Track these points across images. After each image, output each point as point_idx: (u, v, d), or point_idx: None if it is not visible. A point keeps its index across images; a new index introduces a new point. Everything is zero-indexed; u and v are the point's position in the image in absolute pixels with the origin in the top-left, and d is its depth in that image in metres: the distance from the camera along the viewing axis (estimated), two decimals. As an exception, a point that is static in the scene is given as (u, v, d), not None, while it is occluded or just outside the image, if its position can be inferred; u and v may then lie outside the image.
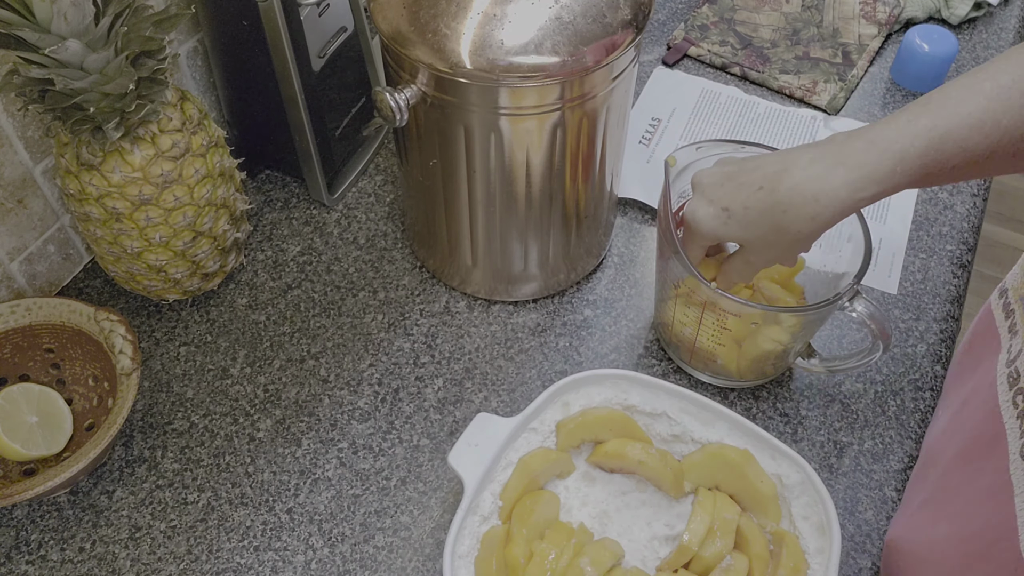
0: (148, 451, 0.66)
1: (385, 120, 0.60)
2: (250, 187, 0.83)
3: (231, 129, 0.81)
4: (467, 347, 0.72)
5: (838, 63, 0.92)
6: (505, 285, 0.73)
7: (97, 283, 0.76)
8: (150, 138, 0.61)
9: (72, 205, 0.64)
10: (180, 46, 0.77)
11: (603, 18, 0.57)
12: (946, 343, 0.72)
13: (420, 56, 0.56)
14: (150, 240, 0.65)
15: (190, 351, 0.72)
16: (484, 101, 0.58)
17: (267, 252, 0.78)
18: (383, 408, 0.68)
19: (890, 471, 0.65)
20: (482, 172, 0.63)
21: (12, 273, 0.70)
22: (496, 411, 0.68)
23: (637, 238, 0.80)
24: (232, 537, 0.62)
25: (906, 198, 0.81)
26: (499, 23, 0.55)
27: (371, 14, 0.59)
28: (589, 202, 0.69)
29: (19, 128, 0.66)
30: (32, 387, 0.65)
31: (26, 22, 0.53)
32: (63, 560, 0.61)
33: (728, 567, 0.56)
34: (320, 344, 0.72)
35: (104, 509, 0.63)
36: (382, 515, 0.63)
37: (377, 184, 0.83)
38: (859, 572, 0.60)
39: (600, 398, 0.62)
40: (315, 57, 0.72)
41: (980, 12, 0.98)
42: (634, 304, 0.75)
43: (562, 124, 0.60)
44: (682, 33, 0.96)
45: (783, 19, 0.97)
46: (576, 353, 0.72)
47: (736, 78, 0.93)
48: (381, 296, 0.75)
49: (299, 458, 0.66)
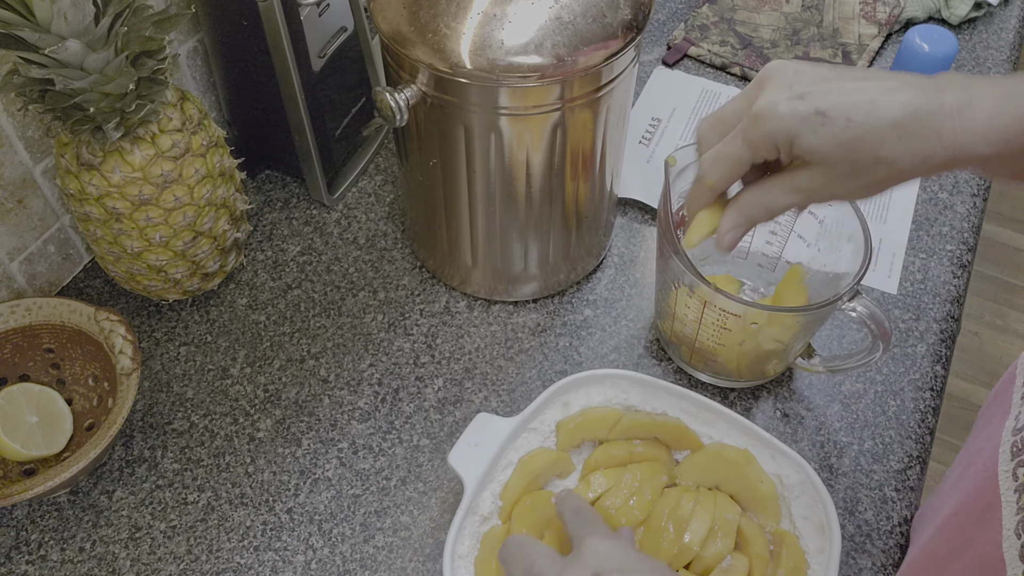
0: (148, 451, 0.66)
1: (385, 120, 0.60)
2: (250, 187, 0.83)
3: (231, 129, 0.81)
4: (467, 347, 0.72)
5: (838, 63, 0.92)
6: (505, 285, 0.73)
7: (97, 283, 0.76)
8: (150, 138, 0.61)
9: (72, 205, 0.64)
10: (180, 46, 0.77)
11: (603, 18, 0.57)
12: (946, 343, 0.72)
13: (420, 56, 0.56)
14: (150, 240, 0.65)
15: (190, 351, 0.72)
16: (484, 101, 0.58)
17: (267, 252, 0.78)
18: (383, 408, 0.68)
19: (890, 471, 0.65)
20: (482, 172, 0.63)
21: (12, 273, 0.70)
22: (496, 411, 0.68)
23: (637, 238, 0.80)
24: (232, 537, 0.62)
25: (906, 198, 0.81)
26: (499, 23, 0.55)
27: (371, 14, 0.59)
28: (589, 202, 0.69)
29: (19, 128, 0.66)
30: (32, 387, 0.65)
31: (26, 22, 0.53)
32: (63, 560, 0.61)
33: (728, 567, 0.56)
34: (320, 344, 0.72)
35: (104, 509, 0.63)
36: (382, 515, 0.63)
37: (377, 184, 0.83)
38: (859, 572, 0.60)
39: (600, 398, 0.62)
40: (315, 57, 0.72)
41: (980, 12, 0.98)
42: (634, 304, 0.75)
43: (562, 124, 0.60)
44: (682, 33, 0.96)
45: (783, 19, 0.97)
46: (576, 353, 0.72)
47: (736, 78, 0.93)
48: (381, 296, 0.75)
49: (299, 458, 0.66)
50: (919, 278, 0.76)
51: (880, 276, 0.76)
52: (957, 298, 0.75)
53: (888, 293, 0.75)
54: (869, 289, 0.75)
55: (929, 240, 0.79)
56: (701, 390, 0.69)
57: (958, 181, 0.83)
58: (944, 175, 0.83)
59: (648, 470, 0.60)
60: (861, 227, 0.61)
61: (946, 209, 0.81)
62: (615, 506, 0.57)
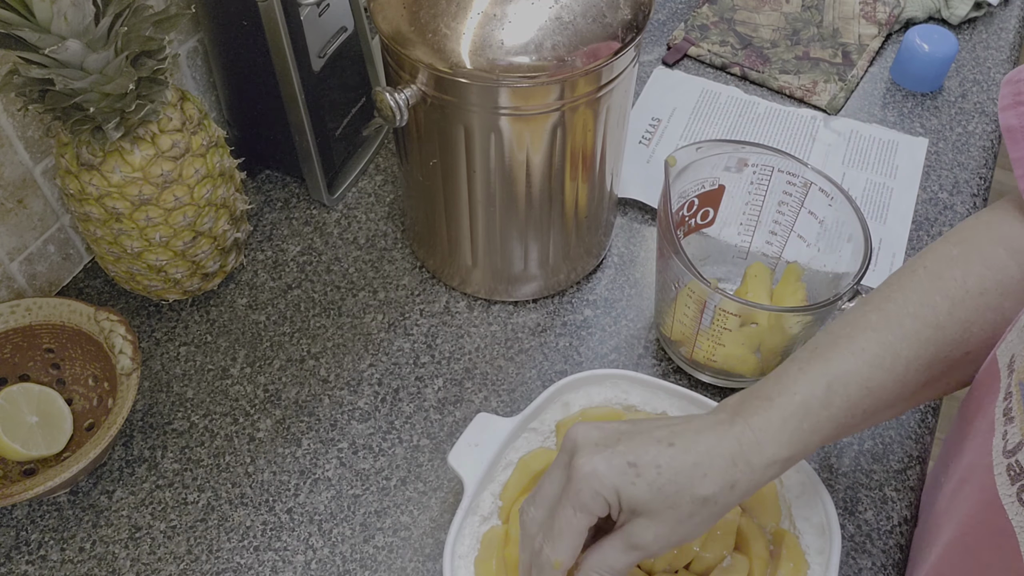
0: (148, 451, 0.66)
1: (385, 120, 0.60)
2: (250, 187, 0.83)
3: (231, 129, 0.81)
4: (467, 347, 0.72)
5: (838, 63, 0.92)
6: (505, 285, 0.73)
7: (97, 283, 0.76)
8: (150, 138, 0.61)
9: (72, 205, 0.64)
10: (180, 46, 0.77)
11: (603, 18, 0.57)
12: (946, 343, 0.72)
13: (420, 56, 0.56)
14: (150, 240, 0.65)
15: (190, 351, 0.72)
16: (484, 101, 0.58)
17: (267, 252, 0.78)
18: (383, 408, 0.68)
19: (890, 471, 0.65)
20: (482, 172, 0.63)
21: (12, 273, 0.70)
22: (496, 411, 0.68)
23: (637, 238, 0.80)
24: (232, 537, 0.62)
25: (906, 198, 0.82)
26: (499, 23, 0.55)
27: (371, 14, 0.59)
28: (589, 202, 0.69)
29: (19, 128, 0.66)
30: (32, 387, 0.65)
31: (26, 22, 0.53)
32: (63, 560, 0.61)
33: (728, 567, 0.56)
34: (320, 344, 0.72)
35: (104, 509, 0.63)
36: (382, 515, 0.63)
37: (377, 184, 0.84)
38: (859, 572, 0.60)
39: (600, 398, 0.62)
40: (315, 57, 0.72)
41: (980, 12, 0.98)
42: (634, 304, 0.75)
43: (562, 124, 0.60)
44: (682, 33, 0.96)
45: (783, 19, 0.97)
46: (576, 353, 0.72)
47: (736, 78, 0.93)
48: (381, 296, 0.75)
49: (299, 458, 0.66)
50: (919, 278, 0.76)
51: (880, 276, 0.76)
52: (957, 298, 0.75)
53: (888, 293, 0.75)
54: (869, 289, 0.75)
55: (929, 240, 0.79)
56: (701, 390, 0.69)
57: (958, 181, 0.83)
58: (945, 175, 0.83)
59: None
60: (861, 227, 0.61)
61: (946, 209, 0.81)
62: None
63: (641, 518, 0.46)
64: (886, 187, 0.82)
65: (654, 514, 0.45)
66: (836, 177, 0.83)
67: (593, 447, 0.46)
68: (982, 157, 0.85)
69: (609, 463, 0.45)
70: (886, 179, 0.83)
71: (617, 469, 0.45)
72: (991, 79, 0.92)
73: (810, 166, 0.64)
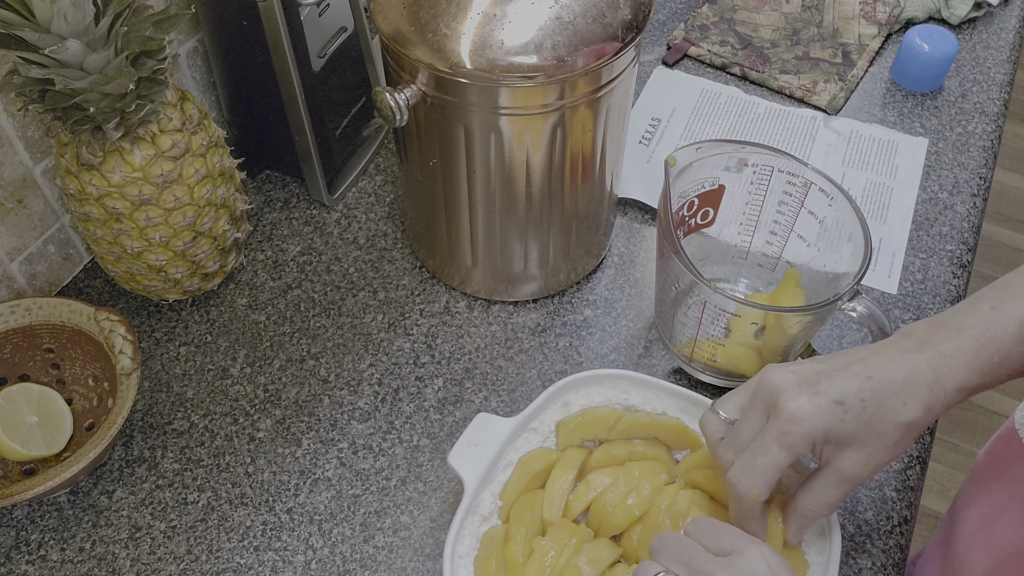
0: (148, 451, 0.66)
1: (385, 120, 0.60)
2: (250, 187, 0.83)
3: (231, 129, 0.81)
4: (467, 347, 0.72)
5: (838, 63, 0.92)
6: (505, 285, 0.73)
7: (97, 283, 0.76)
8: (150, 138, 0.61)
9: (72, 205, 0.64)
10: (180, 46, 0.77)
11: (603, 18, 0.57)
12: (946, 343, 0.72)
13: (420, 56, 0.56)
14: (150, 240, 0.65)
15: (190, 351, 0.72)
16: (484, 101, 0.58)
17: (267, 252, 0.78)
18: (383, 408, 0.68)
19: (890, 471, 0.65)
20: (482, 172, 0.63)
21: (12, 273, 0.70)
22: (496, 411, 0.68)
23: (637, 238, 0.80)
24: (232, 537, 0.62)
25: (906, 198, 0.82)
26: (499, 23, 0.55)
27: (371, 14, 0.59)
28: (589, 202, 0.69)
29: (19, 128, 0.66)
30: (32, 387, 0.65)
31: (26, 22, 0.53)
32: (63, 560, 0.61)
33: None
34: (320, 344, 0.72)
35: (104, 509, 0.63)
36: (382, 515, 0.63)
37: (377, 184, 0.84)
38: (859, 572, 0.60)
39: (600, 398, 0.62)
40: (315, 57, 0.72)
41: (980, 12, 0.98)
42: (634, 304, 0.75)
43: (562, 124, 0.60)
44: (682, 33, 0.96)
45: (783, 19, 0.97)
46: (576, 353, 0.72)
47: (736, 78, 0.93)
48: (381, 296, 0.75)
49: (299, 458, 0.66)
50: (919, 278, 0.76)
51: (880, 276, 0.76)
52: (957, 298, 0.75)
53: (888, 293, 0.75)
54: (869, 289, 0.75)
55: (929, 240, 0.79)
56: (701, 390, 0.69)
57: (958, 181, 0.83)
58: (945, 175, 0.83)
59: (647, 468, 0.60)
60: (861, 227, 0.61)
61: (946, 209, 0.81)
62: (613, 502, 0.57)
63: (849, 450, 0.49)
64: (886, 187, 0.83)
65: (862, 444, 0.48)
66: (836, 177, 0.83)
67: (796, 389, 0.48)
68: (982, 157, 0.85)
69: (816, 404, 0.48)
70: (886, 179, 0.83)
71: (825, 409, 0.48)
72: (991, 79, 0.92)
73: (810, 166, 0.64)
